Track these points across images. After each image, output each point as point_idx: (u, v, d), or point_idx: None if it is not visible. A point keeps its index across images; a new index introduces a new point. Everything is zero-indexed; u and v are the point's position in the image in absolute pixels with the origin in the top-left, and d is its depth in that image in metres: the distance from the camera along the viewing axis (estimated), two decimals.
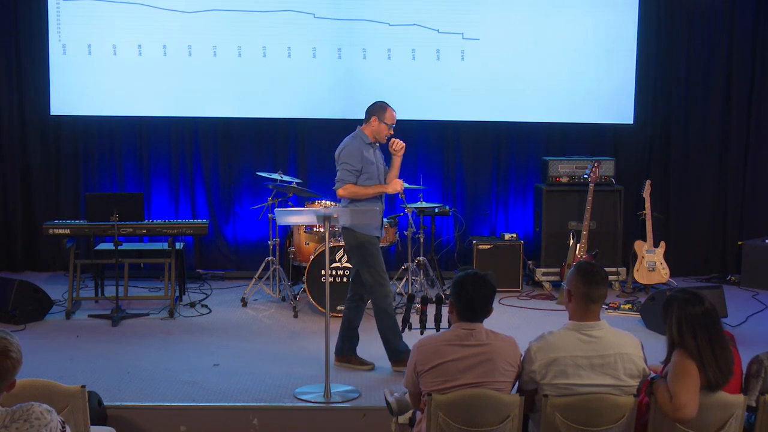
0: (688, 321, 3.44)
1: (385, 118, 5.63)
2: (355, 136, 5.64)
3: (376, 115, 5.62)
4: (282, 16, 8.09)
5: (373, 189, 5.64)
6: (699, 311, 3.45)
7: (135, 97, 8.13)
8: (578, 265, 3.60)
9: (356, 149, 5.56)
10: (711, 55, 8.39)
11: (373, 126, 5.64)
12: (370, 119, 5.64)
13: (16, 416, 2.70)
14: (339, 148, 5.64)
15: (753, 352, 3.70)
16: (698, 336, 3.42)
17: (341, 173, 5.55)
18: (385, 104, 5.68)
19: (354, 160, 5.52)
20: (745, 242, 8.26)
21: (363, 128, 5.67)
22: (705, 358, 3.39)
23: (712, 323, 3.46)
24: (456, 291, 3.57)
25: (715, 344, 3.42)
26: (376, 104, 5.69)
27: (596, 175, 7.63)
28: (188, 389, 5.17)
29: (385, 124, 5.64)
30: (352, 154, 5.53)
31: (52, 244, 8.11)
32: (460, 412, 3.38)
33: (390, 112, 5.66)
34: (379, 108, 5.65)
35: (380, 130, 5.65)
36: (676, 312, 3.48)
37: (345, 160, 5.53)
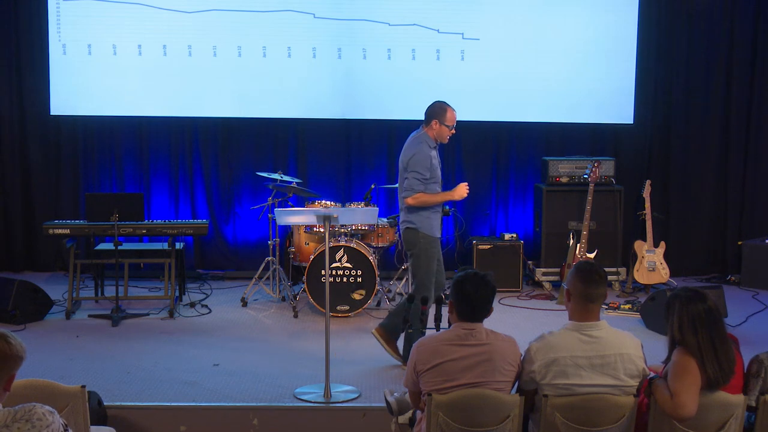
0: (691, 318, 3.44)
1: (446, 119, 5.63)
2: (421, 141, 5.60)
3: (437, 118, 5.62)
4: (282, 16, 8.09)
5: (441, 197, 5.68)
6: (702, 309, 3.46)
7: (135, 97, 8.13)
8: (577, 265, 3.62)
9: (426, 156, 5.54)
10: (711, 55, 8.39)
11: (434, 129, 5.64)
12: (430, 122, 5.63)
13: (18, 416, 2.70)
14: (407, 154, 5.59)
15: (753, 352, 3.70)
16: (700, 333, 3.42)
17: (411, 182, 5.52)
18: (444, 105, 5.67)
19: (424, 169, 5.51)
20: (745, 242, 8.26)
21: (426, 130, 5.65)
22: (706, 356, 3.39)
23: (714, 321, 3.46)
24: (456, 291, 3.58)
25: (717, 342, 3.43)
26: (436, 106, 5.67)
27: (596, 175, 7.63)
28: (188, 389, 5.17)
29: (446, 126, 5.64)
30: (422, 163, 5.52)
31: (52, 244, 8.10)
32: (459, 411, 3.38)
33: (450, 112, 5.66)
34: (439, 110, 5.63)
35: (442, 132, 5.65)
36: (679, 309, 3.48)
37: (415, 168, 5.51)
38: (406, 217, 5.62)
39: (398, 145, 8.33)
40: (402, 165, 5.63)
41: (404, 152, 5.64)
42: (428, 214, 5.59)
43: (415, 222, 5.56)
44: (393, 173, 8.33)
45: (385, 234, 7.42)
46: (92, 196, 7.12)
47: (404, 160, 5.60)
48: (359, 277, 6.83)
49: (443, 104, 5.66)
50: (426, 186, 5.53)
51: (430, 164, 5.54)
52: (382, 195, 8.41)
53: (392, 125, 8.34)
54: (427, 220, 5.57)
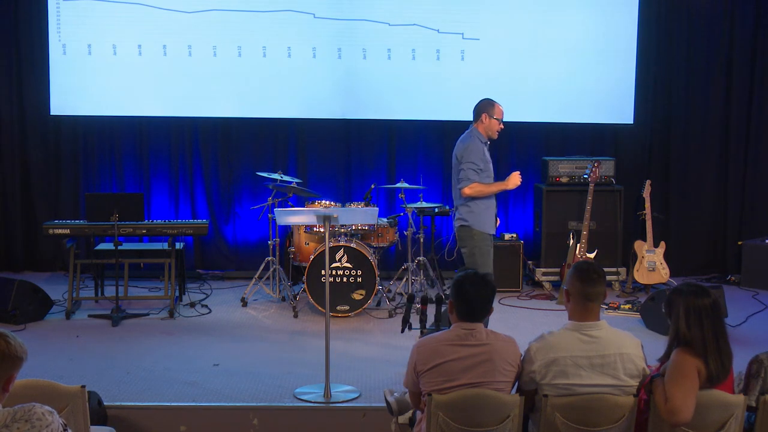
0: (696, 312, 3.43)
1: (494, 113, 5.73)
2: (473, 135, 5.70)
3: (486, 112, 5.72)
4: (282, 16, 8.09)
5: (497, 186, 5.77)
6: (707, 303, 3.46)
7: (135, 97, 8.14)
8: (575, 265, 3.62)
9: (479, 149, 5.65)
10: (711, 55, 8.39)
11: (484, 123, 5.72)
12: (480, 117, 5.73)
13: (17, 416, 2.70)
14: (460, 147, 5.69)
15: (753, 352, 3.70)
16: (705, 326, 3.41)
17: (467, 172, 5.60)
18: (491, 100, 5.78)
19: (478, 159, 5.61)
20: (745, 242, 8.26)
21: (476, 126, 5.74)
22: (710, 350, 3.39)
23: (717, 316, 3.47)
24: (456, 291, 3.58)
25: (720, 337, 3.43)
26: (484, 101, 5.78)
27: (596, 175, 7.63)
28: (188, 389, 5.17)
29: (495, 119, 5.72)
30: (476, 154, 5.62)
31: (52, 244, 8.11)
32: (460, 412, 3.38)
33: (498, 107, 5.76)
34: (487, 105, 5.74)
35: (491, 126, 5.74)
36: (684, 303, 3.46)
37: (470, 159, 5.60)
38: (460, 215, 5.72)
39: (398, 145, 8.42)
40: (456, 159, 5.72)
41: (457, 147, 5.74)
42: (482, 210, 5.68)
43: (468, 219, 5.66)
44: (393, 173, 8.34)
45: (385, 234, 7.42)
46: (92, 196, 7.12)
47: (458, 153, 5.70)
48: (359, 277, 6.83)
49: (490, 100, 5.80)
50: (481, 178, 5.63)
51: (484, 156, 5.66)
52: (382, 195, 8.41)
53: (392, 125, 8.35)
54: (480, 216, 5.66)
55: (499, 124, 5.76)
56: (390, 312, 6.97)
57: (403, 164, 8.37)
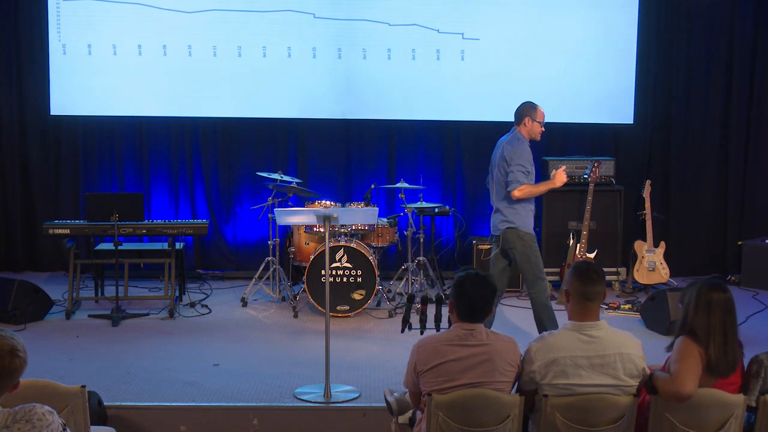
0: (708, 301, 3.50)
1: (537, 116, 5.78)
2: (519, 138, 5.74)
3: (528, 115, 5.76)
4: (282, 16, 8.09)
5: (545, 186, 5.85)
6: (722, 297, 3.52)
7: (135, 97, 8.14)
8: (575, 265, 3.63)
9: (526, 151, 5.70)
10: (711, 55, 8.39)
11: (527, 126, 5.77)
12: (523, 120, 5.77)
13: (18, 417, 2.70)
14: (509, 150, 5.70)
15: (753, 352, 3.70)
16: (713, 316, 3.47)
17: (516, 174, 5.63)
18: (533, 103, 5.82)
19: (526, 162, 5.66)
20: (745, 242, 8.26)
21: (519, 129, 5.78)
22: (714, 339, 3.45)
23: (729, 312, 3.52)
24: (456, 291, 3.58)
25: (729, 332, 3.48)
26: (526, 105, 5.83)
27: (596, 175, 7.62)
28: (188, 389, 5.17)
29: (537, 122, 5.77)
30: (523, 156, 5.67)
31: (52, 244, 8.11)
32: (460, 412, 3.38)
33: (540, 110, 5.81)
34: (529, 108, 5.79)
35: (534, 129, 5.79)
36: (698, 291, 3.54)
37: (519, 162, 5.64)
38: (505, 217, 5.74)
39: (398, 145, 8.42)
40: (501, 161, 5.74)
41: (504, 149, 5.76)
42: (525, 212, 5.74)
43: (515, 221, 5.71)
44: (393, 173, 8.34)
45: (385, 234, 7.42)
46: (92, 196, 7.12)
47: (507, 156, 5.70)
48: (359, 277, 6.83)
49: (532, 103, 5.84)
50: (528, 180, 5.68)
51: (530, 157, 5.71)
52: (382, 195, 8.41)
53: (392, 125, 8.35)
54: (524, 218, 5.73)
55: (541, 126, 5.82)
56: (390, 312, 6.97)
57: (403, 164, 8.37)
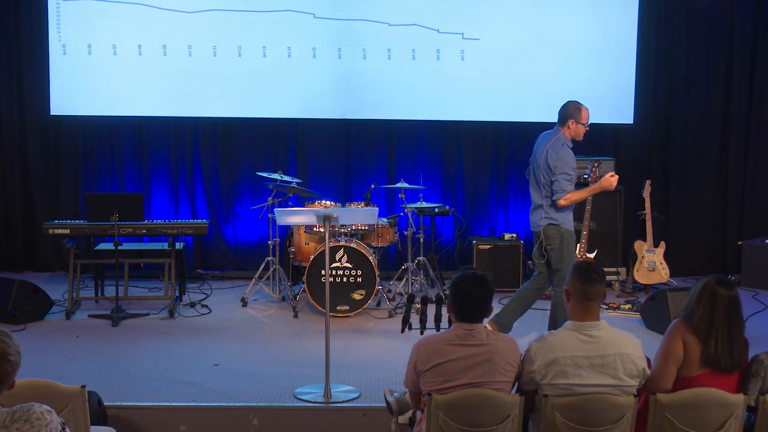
0: (713, 295, 3.55)
1: (581, 118, 5.80)
2: (563, 143, 5.77)
3: (573, 117, 5.78)
4: (282, 16, 8.09)
5: (589, 191, 5.90)
6: (727, 293, 3.56)
7: (135, 97, 8.14)
8: (575, 265, 3.63)
9: (571, 157, 5.74)
10: (711, 55, 8.39)
11: (571, 128, 5.80)
12: (567, 122, 5.79)
13: (16, 416, 2.70)
14: (553, 156, 5.72)
15: (753, 352, 3.70)
16: (716, 311, 3.53)
17: (562, 183, 5.69)
18: (578, 104, 5.83)
19: (570, 169, 5.72)
20: (745, 242, 8.26)
21: (563, 131, 5.80)
22: (717, 335, 3.51)
23: (735, 309, 3.56)
24: (454, 291, 3.58)
25: (733, 328, 3.53)
26: (570, 105, 5.83)
27: (596, 175, 7.56)
28: (188, 389, 5.17)
29: (581, 124, 5.80)
30: (569, 163, 5.72)
31: (52, 244, 8.11)
32: (460, 412, 3.38)
33: (584, 111, 5.82)
34: (573, 109, 5.80)
35: (578, 131, 5.82)
36: (705, 283, 3.60)
37: (564, 170, 5.70)
38: (549, 214, 5.82)
39: (398, 145, 8.42)
40: (545, 166, 5.76)
41: (547, 154, 5.77)
42: (567, 209, 5.83)
43: (557, 219, 5.80)
44: (393, 173, 8.34)
45: (385, 234, 7.42)
46: (92, 196, 7.12)
47: (550, 162, 5.73)
48: (359, 277, 6.83)
49: (577, 103, 5.84)
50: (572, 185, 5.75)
51: (574, 164, 5.76)
52: (382, 195, 8.41)
53: (392, 125, 8.35)
54: (567, 216, 5.83)
55: (585, 128, 5.84)
56: (390, 312, 6.97)
57: (403, 164, 8.37)
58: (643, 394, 3.56)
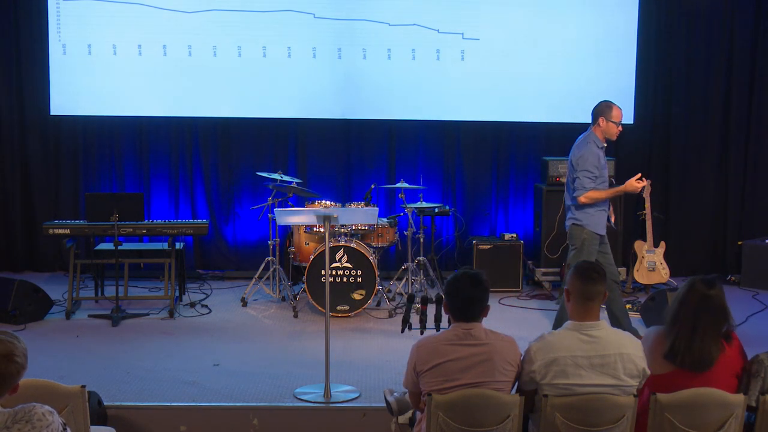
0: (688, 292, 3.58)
1: (612, 116, 5.80)
2: (590, 141, 5.79)
3: (603, 115, 5.79)
4: (282, 16, 8.09)
5: (612, 191, 5.89)
6: (703, 290, 3.56)
7: (135, 97, 8.13)
8: (576, 265, 3.63)
9: (594, 155, 5.75)
10: (711, 55, 8.39)
11: (602, 126, 5.81)
12: (597, 120, 5.81)
13: (18, 417, 2.70)
14: (576, 154, 5.79)
15: (753, 352, 3.70)
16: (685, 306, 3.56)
17: (583, 180, 5.73)
18: (610, 103, 5.85)
19: (593, 167, 5.73)
20: (745, 242, 8.26)
21: (594, 129, 5.83)
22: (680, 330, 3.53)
23: (706, 307, 3.55)
24: (449, 291, 3.58)
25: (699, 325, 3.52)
26: (601, 104, 5.86)
27: None
28: (188, 389, 5.17)
29: (613, 122, 5.80)
30: (589, 161, 5.73)
31: (52, 244, 8.11)
32: (460, 411, 3.38)
33: (616, 110, 5.82)
34: (604, 107, 5.82)
35: (609, 129, 5.82)
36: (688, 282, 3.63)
37: (586, 167, 5.72)
38: (573, 215, 5.87)
39: (398, 145, 8.42)
40: (569, 165, 5.85)
41: (573, 152, 5.83)
42: (594, 211, 5.82)
43: (581, 219, 5.82)
44: (393, 173, 8.34)
45: (385, 234, 7.42)
46: (92, 196, 7.12)
47: (573, 160, 5.80)
48: (359, 277, 6.83)
49: (609, 102, 5.87)
50: (596, 184, 5.74)
51: (599, 163, 5.74)
52: (382, 195, 8.41)
53: (392, 125, 8.35)
54: (593, 217, 5.81)
55: (617, 126, 5.83)
56: (390, 312, 6.97)
57: (403, 164, 8.37)
58: (643, 394, 3.55)
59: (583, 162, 5.74)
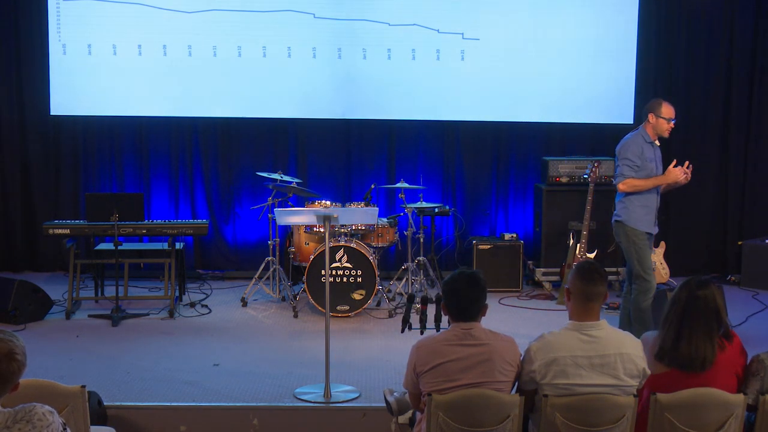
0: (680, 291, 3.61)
1: (661, 112, 5.81)
2: (637, 134, 5.83)
3: (653, 111, 5.82)
4: (282, 16, 8.09)
5: (652, 181, 5.81)
6: (693, 291, 3.58)
7: (135, 97, 8.13)
8: (577, 265, 3.63)
9: (637, 145, 5.76)
10: (711, 55, 8.39)
11: (651, 122, 5.83)
12: (647, 116, 5.84)
13: (18, 417, 2.71)
14: (618, 146, 5.83)
15: (753, 352, 3.70)
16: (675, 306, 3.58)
17: (622, 168, 5.75)
18: (660, 99, 5.89)
19: (634, 156, 5.72)
20: (745, 242, 8.26)
21: (644, 126, 5.86)
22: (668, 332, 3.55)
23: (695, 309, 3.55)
24: (447, 291, 3.58)
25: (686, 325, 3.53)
26: (652, 100, 5.92)
27: (596, 175, 7.62)
28: (188, 389, 5.17)
29: (662, 118, 5.81)
30: (631, 150, 5.74)
31: (52, 244, 8.10)
32: (460, 412, 3.38)
33: (666, 106, 5.83)
34: (654, 104, 5.86)
35: (659, 125, 5.83)
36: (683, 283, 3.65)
37: (626, 155, 5.73)
38: (616, 211, 5.88)
39: (398, 145, 8.42)
40: (616, 155, 5.86)
41: (619, 144, 5.86)
42: (636, 207, 5.77)
43: (621, 215, 5.81)
44: (393, 173, 8.34)
45: (385, 234, 7.42)
46: (92, 196, 7.12)
47: (617, 151, 5.83)
48: (359, 277, 6.83)
49: (659, 99, 5.91)
50: (638, 175, 5.73)
51: (641, 153, 5.74)
52: (382, 195, 8.41)
53: (392, 125, 8.34)
54: (633, 213, 5.76)
55: (668, 122, 5.83)
56: (390, 312, 6.97)
57: (403, 164, 8.37)
58: (643, 394, 3.55)
59: (624, 150, 5.74)
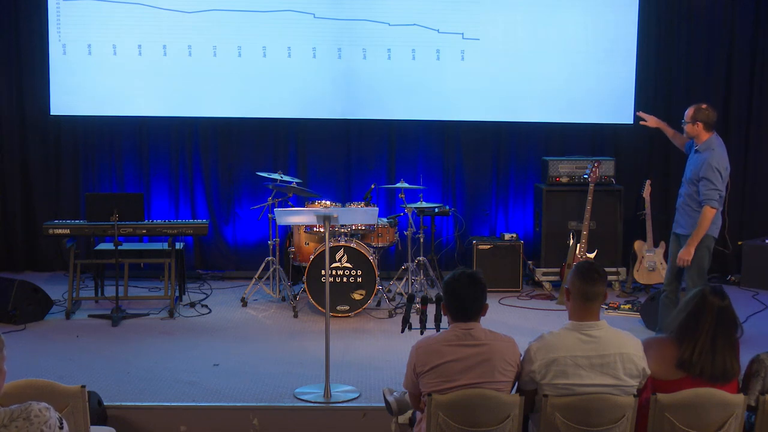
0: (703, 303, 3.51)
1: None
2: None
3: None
4: (282, 16, 8.09)
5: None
6: (718, 303, 3.52)
7: (135, 97, 8.13)
8: (577, 265, 3.63)
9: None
10: (711, 55, 8.39)
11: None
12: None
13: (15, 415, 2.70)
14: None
15: (753, 352, 3.70)
16: (702, 318, 3.48)
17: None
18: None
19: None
20: (745, 242, 8.26)
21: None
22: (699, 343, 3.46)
23: (724, 319, 3.51)
24: (446, 291, 3.58)
25: (719, 338, 3.47)
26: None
27: (596, 175, 7.63)
28: (188, 389, 5.17)
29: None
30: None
31: (52, 244, 8.11)
32: (460, 412, 3.38)
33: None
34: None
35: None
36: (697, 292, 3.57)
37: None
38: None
39: (398, 145, 8.42)
40: None
41: None
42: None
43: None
44: (393, 173, 8.34)
45: (385, 234, 7.42)
46: (92, 196, 7.12)
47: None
48: (359, 277, 6.83)
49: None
50: None
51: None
52: (382, 195, 8.41)
53: (392, 125, 8.34)
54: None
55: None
56: (390, 312, 6.97)
57: (403, 164, 8.37)
58: (643, 394, 3.55)
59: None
